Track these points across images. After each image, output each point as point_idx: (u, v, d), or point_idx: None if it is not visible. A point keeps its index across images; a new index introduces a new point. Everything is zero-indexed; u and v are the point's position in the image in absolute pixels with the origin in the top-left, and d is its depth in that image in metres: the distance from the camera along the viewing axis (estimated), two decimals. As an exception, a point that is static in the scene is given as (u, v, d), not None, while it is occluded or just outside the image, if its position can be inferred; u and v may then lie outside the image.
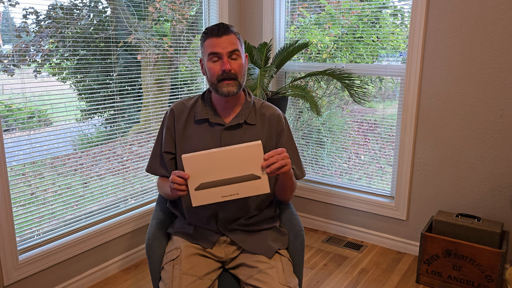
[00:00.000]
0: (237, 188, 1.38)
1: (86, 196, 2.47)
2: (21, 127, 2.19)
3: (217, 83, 1.52)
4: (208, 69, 1.53)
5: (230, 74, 1.50)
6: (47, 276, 2.26)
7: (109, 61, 2.48)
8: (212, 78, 1.52)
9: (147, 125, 2.76)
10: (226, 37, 1.50)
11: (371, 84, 3.05)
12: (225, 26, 1.52)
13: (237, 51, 1.52)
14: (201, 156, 1.35)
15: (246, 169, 1.36)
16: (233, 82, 1.52)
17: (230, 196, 1.39)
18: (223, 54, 1.49)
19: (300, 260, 1.63)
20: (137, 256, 2.74)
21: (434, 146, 2.66)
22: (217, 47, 1.50)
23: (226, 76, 1.50)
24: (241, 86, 1.55)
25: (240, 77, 1.53)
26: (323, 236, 3.11)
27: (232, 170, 1.35)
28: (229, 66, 1.50)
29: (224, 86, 1.51)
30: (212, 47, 1.50)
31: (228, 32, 1.51)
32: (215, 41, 1.50)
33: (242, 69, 1.54)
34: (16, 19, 2.10)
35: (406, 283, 2.52)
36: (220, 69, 1.50)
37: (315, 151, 3.24)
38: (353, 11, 2.92)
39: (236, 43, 1.53)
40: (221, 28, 1.51)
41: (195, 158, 1.35)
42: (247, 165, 1.35)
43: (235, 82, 1.52)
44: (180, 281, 1.46)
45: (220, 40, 1.50)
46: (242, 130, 1.60)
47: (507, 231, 2.47)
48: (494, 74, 2.41)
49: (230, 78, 1.51)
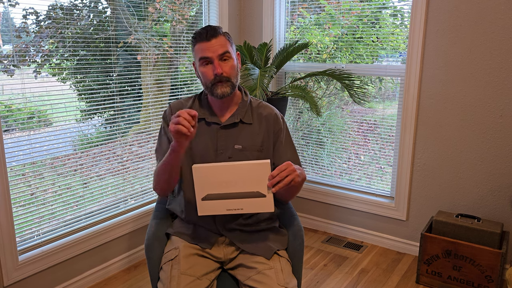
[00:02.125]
0: (242, 203, 1.40)
1: (86, 196, 2.47)
2: (21, 128, 2.19)
3: (211, 86, 1.53)
4: (201, 73, 1.55)
5: (223, 77, 1.52)
6: (47, 276, 2.27)
7: (109, 61, 2.48)
8: (206, 82, 1.54)
9: (147, 126, 2.76)
10: (215, 39, 1.51)
11: (371, 84, 3.05)
12: (213, 29, 1.52)
13: (227, 52, 1.52)
14: (210, 168, 1.38)
15: (253, 186, 1.38)
16: (227, 83, 1.53)
17: (235, 210, 1.42)
18: (213, 58, 1.50)
19: (299, 260, 1.63)
20: (137, 257, 2.74)
21: (434, 146, 2.66)
22: (207, 51, 1.50)
23: (219, 80, 1.52)
24: (235, 86, 1.57)
25: (233, 78, 1.55)
26: (323, 236, 3.11)
27: (239, 185, 1.38)
28: (221, 69, 1.51)
29: (218, 88, 1.52)
30: (202, 52, 1.51)
31: (216, 34, 1.51)
32: (204, 45, 1.51)
33: (234, 70, 1.55)
34: (16, 20, 2.11)
35: (406, 284, 2.52)
36: (212, 73, 1.51)
37: (315, 152, 3.24)
38: (353, 11, 2.92)
39: (226, 44, 1.53)
40: (209, 31, 1.51)
41: (204, 169, 1.38)
42: (254, 182, 1.38)
43: (228, 83, 1.53)
44: (178, 281, 1.46)
45: (210, 44, 1.50)
46: (238, 129, 1.60)
47: (507, 231, 2.46)
48: (494, 74, 2.41)
49: (223, 80, 1.52)
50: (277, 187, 1.35)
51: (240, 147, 1.59)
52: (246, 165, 1.37)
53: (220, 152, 1.58)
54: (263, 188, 1.38)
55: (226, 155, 1.58)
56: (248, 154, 1.59)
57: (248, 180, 1.38)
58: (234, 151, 1.58)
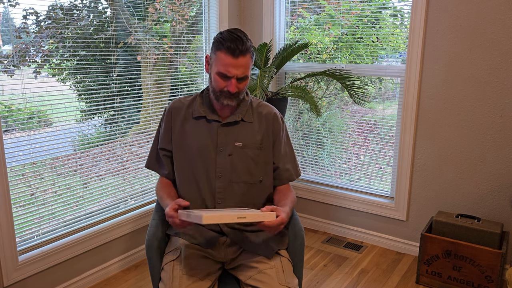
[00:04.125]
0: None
1: (86, 196, 2.47)
2: (21, 128, 2.19)
3: (219, 94, 1.53)
4: (214, 78, 1.53)
5: (234, 94, 1.52)
6: (47, 276, 2.26)
7: (109, 61, 2.48)
8: (216, 87, 1.53)
9: (147, 126, 2.76)
10: (243, 58, 1.46)
11: (371, 84, 3.05)
12: (244, 44, 1.46)
13: (247, 76, 1.52)
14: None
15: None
16: (235, 99, 1.54)
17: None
18: (233, 77, 1.49)
19: (300, 260, 1.63)
20: (137, 257, 2.74)
21: (434, 146, 2.66)
22: (230, 69, 1.47)
23: (229, 95, 1.52)
24: (240, 99, 1.58)
25: (241, 94, 1.56)
26: (323, 236, 3.11)
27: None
28: (236, 89, 1.50)
29: (226, 99, 1.53)
30: (225, 67, 1.47)
31: (245, 52, 1.46)
32: (230, 61, 1.46)
33: (246, 87, 1.57)
34: (16, 20, 2.10)
35: (406, 284, 2.52)
36: (225, 87, 1.51)
37: (315, 152, 3.24)
38: (353, 11, 2.92)
39: (249, 65, 1.51)
40: (239, 47, 1.44)
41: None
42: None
43: (236, 98, 1.54)
44: (180, 281, 1.46)
45: (236, 62, 1.46)
46: (239, 127, 1.61)
47: (507, 231, 2.47)
48: (494, 74, 2.41)
49: (232, 96, 1.52)
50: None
51: (240, 144, 1.59)
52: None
53: (220, 150, 1.59)
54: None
55: (226, 152, 1.58)
56: (248, 151, 1.60)
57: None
58: (235, 148, 1.59)
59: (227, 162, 1.59)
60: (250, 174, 1.60)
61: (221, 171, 1.58)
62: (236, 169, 1.59)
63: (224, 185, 1.59)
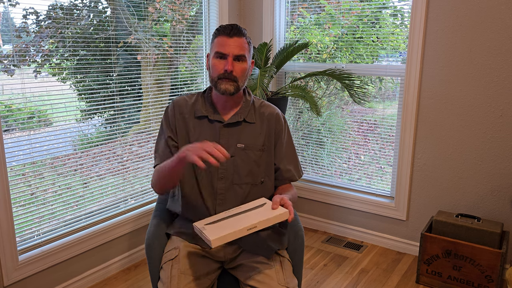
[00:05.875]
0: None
1: (86, 196, 2.47)
2: (21, 127, 2.19)
3: (217, 80, 1.53)
4: (212, 65, 1.55)
5: (231, 75, 1.52)
6: (47, 276, 2.27)
7: (109, 61, 2.48)
8: (213, 74, 1.54)
9: (147, 126, 2.76)
10: (237, 38, 1.52)
11: (371, 84, 3.05)
12: (238, 28, 1.53)
13: (243, 56, 1.53)
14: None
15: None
16: (232, 82, 1.53)
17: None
18: (229, 55, 1.51)
19: (299, 260, 1.63)
20: (137, 256, 2.74)
21: (434, 146, 2.66)
22: (226, 47, 1.51)
23: (226, 76, 1.51)
24: (239, 89, 1.57)
25: (240, 80, 1.55)
26: (323, 236, 3.11)
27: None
28: (232, 67, 1.51)
29: (223, 83, 1.53)
30: (221, 46, 1.52)
31: (239, 34, 1.52)
32: (225, 40, 1.51)
33: (245, 73, 1.56)
34: (16, 19, 2.11)
35: (406, 284, 2.52)
36: (222, 68, 1.52)
37: (315, 151, 3.24)
38: (353, 11, 2.92)
39: (245, 48, 1.54)
40: (234, 29, 1.52)
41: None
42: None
43: (233, 83, 1.53)
44: (178, 280, 1.46)
45: (230, 41, 1.51)
46: (241, 127, 1.61)
47: (507, 231, 2.46)
48: (494, 74, 2.41)
49: (230, 78, 1.52)
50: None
51: (242, 146, 1.59)
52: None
53: None
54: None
55: (229, 153, 1.58)
56: (250, 153, 1.59)
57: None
58: (237, 149, 1.58)
59: (230, 164, 1.58)
60: (252, 175, 1.60)
61: (223, 173, 1.58)
62: (238, 170, 1.59)
63: (225, 186, 1.59)
